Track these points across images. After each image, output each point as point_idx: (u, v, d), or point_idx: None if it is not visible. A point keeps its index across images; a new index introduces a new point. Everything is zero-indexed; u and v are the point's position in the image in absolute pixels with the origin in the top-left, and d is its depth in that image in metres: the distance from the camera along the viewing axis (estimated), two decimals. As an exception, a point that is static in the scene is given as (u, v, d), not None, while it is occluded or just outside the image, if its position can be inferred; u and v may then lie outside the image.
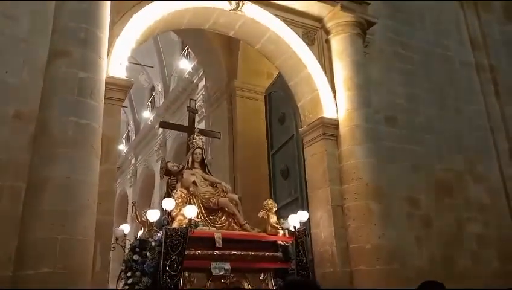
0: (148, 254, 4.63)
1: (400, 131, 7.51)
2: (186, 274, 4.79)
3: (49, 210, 4.09)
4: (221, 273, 4.94)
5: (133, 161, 19.80)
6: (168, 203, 4.94)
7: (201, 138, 6.34)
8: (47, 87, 4.61)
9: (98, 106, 4.69)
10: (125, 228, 5.21)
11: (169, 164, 6.05)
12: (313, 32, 7.08)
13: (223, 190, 5.88)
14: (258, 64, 9.56)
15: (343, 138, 6.43)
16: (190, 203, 5.27)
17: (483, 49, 9.39)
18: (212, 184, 5.98)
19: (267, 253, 5.45)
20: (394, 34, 8.27)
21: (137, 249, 4.73)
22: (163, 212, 5.07)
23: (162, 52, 17.46)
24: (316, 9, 6.98)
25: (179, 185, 5.76)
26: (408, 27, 8.55)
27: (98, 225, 4.40)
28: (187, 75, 14.43)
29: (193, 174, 5.87)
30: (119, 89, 5.21)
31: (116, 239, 4.94)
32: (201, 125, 13.06)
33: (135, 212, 5.33)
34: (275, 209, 5.83)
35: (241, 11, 6.56)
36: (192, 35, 10.31)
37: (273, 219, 5.73)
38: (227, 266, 5.00)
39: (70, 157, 4.30)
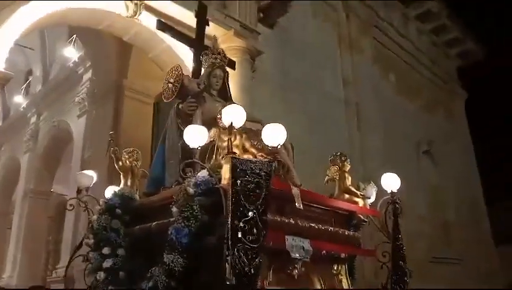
0: (174, 210, 2.78)
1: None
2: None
3: None
4: (298, 257, 2.99)
5: (-5, 149, 17.85)
6: (236, 111, 2.92)
7: (223, 56, 4.27)
8: None
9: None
10: (93, 174, 3.46)
11: (186, 78, 3.94)
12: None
13: None
14: (151, 67, 9.52)
15: (223, 156, 6.87)
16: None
17: (352, 85, 10.75)
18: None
19: (344, 231, 3.53)
20: (279, 63, 9.03)
21: (118, 211, 3.25)
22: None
23: (46, 35, 16.17)
24: (211, 30, 7.33)
25: (199, 112, 3.81)
26: (292, 59, 9.39)
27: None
28: (72, 64, 13.60)
29: (219, 102, 4.01)
30: (-4, 82, 4.94)
31: (79, 191, 3.32)
32: (82, 120, 12.42)
33: (113, 152, 3.52)
34: (348, 166, 3.87)
35: (138, 19, 6.64)
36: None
37: (349, 180, 3.77)
38: (307, 244, 3.01)
39: None
